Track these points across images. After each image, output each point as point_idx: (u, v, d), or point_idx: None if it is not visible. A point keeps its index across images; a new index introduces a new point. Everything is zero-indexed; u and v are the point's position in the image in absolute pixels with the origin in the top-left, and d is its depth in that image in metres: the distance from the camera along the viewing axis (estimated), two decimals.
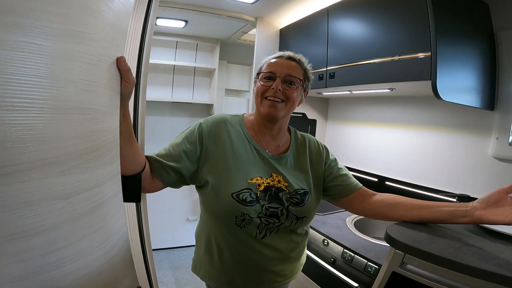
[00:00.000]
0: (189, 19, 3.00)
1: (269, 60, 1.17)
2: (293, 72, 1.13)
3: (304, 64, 1.18)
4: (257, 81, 1.16)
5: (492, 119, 1.76)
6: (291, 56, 1.17)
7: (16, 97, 0.44)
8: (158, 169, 1.04)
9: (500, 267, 0.81)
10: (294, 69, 1.14)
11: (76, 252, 0.59)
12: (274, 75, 1.11)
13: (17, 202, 0.47)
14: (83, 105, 0.57)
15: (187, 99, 3.69)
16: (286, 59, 1.15)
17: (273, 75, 1.11)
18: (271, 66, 1.13)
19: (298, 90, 1.14)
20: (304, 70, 1.18)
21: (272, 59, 1.16)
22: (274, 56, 1.17)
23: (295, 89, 1.12)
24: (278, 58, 1.16)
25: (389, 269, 1.05)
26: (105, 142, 0.66)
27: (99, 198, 0.64)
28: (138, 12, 1.70)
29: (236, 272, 1.10)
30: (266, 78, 1.13)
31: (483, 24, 1.75)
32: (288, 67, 1.13)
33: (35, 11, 0.46)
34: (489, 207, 0.99)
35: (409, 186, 2.16)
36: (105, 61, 0.65)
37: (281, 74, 1.11)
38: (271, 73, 1.12)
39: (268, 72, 1.13)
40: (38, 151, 0.48)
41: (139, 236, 1.32)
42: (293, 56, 1.17)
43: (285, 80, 1.11)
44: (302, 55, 1.20)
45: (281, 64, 1.13)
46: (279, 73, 1.11)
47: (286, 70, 1.12)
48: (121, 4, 0.67)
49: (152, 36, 1.67)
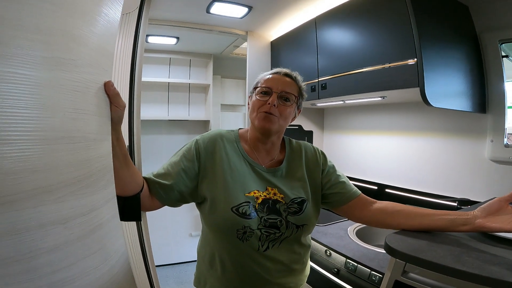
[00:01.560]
0: (181, 35, 3.04)
1: (266, 75, 1.19)
2: (288, 88, 1.15)
3: (299, 82, 1.21)
4: (253, 96, 1.18)
5: (486, 122, 1.78)
6: (287, 73, 1.19)
7: (5, 130, 0.45)
8: (157, 190, 1.04)
9: (501, 273, 0.81)
10: (290, 86, 1.16)
11: (76, 273, 0.59)
12: (270, 90, 1.13)
13: (14, 228, 0.47)
14: (73, 133, 0.58)
15: (183, 116, 3.72)
16: (283, 75, 1.18)
17: (269, 90, 1.13)
18: (268, 81, 1.16)
19: (292, 107, 1.16)
20: (299, 87, 1.20)
21: (269, 74, 1.19)
22: (271, 72, 1.20)
23: (289, 106, 1.15)
24: (275, 74, 1.18)
25: (391, 278, 1.04)
26: (98, 168, 0.66)
27: (96, 222, 0.65)
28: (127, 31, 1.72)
29: (240, 286, 1.10)
30: (262, 93, 1.14)
31: (465, 27, 1.78)
32: (284, 84, 1.15)
33: (16, 39, 0.47)
34: (489, 215, 0.99)
35: (409, 192, 2.16)
36: (92, 87, 0.65)
37: (277, 90, 1.13)
38: (267, 88, 1.14)
39: (265, 87, 1.15)
40: (30, 181, 0.49)
41: (141, 253, 1.32)
42: (290, 73, 1.20)
43: (281, 96, 1.13)
44: (298, 73, 1.23)
45: (278, 80, 1.15)
46: (276, 88, 1.13)
47: (282, 87, 1.14)
48: (104, 28, 0.68)
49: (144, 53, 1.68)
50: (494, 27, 1.74)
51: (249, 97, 1.23)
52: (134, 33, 1.49)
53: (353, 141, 2.70)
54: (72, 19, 0.57)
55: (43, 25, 0.51)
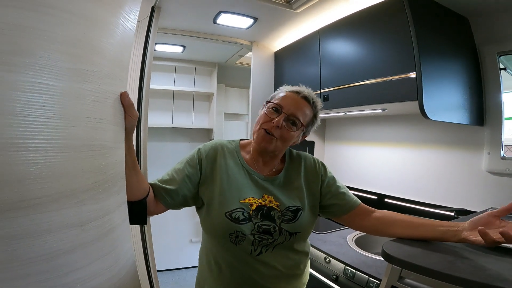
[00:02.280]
0: (187, 44, 3.09)
1: (284, 91, 1.17)
2: (300, 113, 1.13)
3: (317, 108, 1.19)
4: (264, 108, 1.17)
5: (483, 134, 1.82)
6: (306, 96, 1.16)
7: (34, 138, 0.49)
8: (162, 195, 1.08)
9: (493, 278, 0.83)
10: (303, 111, 1.14)
11: (89, 274, 0.63)
12: (280, 109, 1.12)
13: (38, 230, 0.51)
14: (92, 142, 0.62)
15: (187, 124, 3.75)
16: (301, 97, 1.15)
17: (280, 108, 1.12)
18: (283, 99, 1.14)
19: (297, 133, 1.15)
20: (314, 114, 1.19)
21: (288, 91, 1.17)
22: (290, 89, 1.18)
23: (293, 131, 1.13)
24: (293, 93, 1.16)
25: (388, 283, 1.07)
26: (113, 174, 0.71)
27: (109, 225, 0.69)
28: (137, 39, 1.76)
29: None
30: (272, 109, 1.13)
31: (464, 39, 1.81)
32: (297, 107, 1.13)
33: (46, 50, 0.50)
34: (475, 229, 1.00)
35: (408, 202, 2.19)
36: (110, 98, 0.70)
37: (287, 111, 1.11)
38: (279, 106, 1.12)
39: (276, 104, 1.13)
40: (55, 186, 0.53)
41: (144, 258, 1.35)
42: (309, 96, 1.17)
43: (289, 118, 1.12)
44: (319, 99, 1.20)
45: (293, 101, 1.14)
46: (286, 109, 1.11)
47: (294, 109, 1.12)
48: (121, 39, 0.71)
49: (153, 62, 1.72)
50: (493, 40, 1.77)
51: (263, 105, 1.20)
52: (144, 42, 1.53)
53: (353, 151, 2.73)
54: (93, 31, 0.61)
55: (69, 37, 0.55)
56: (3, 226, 0.47)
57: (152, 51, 1.94)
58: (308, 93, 1.17)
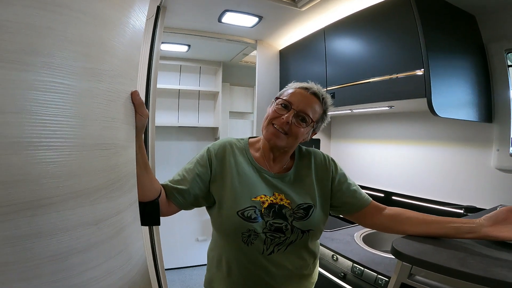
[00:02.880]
0: (192, 43, 3.10)
1: (293, 88, 1.16)
2: (309, 109, 1.12)
3: (326, 104, 1.18)
4: (273, 104, 1.16)
5: (492, 131, 1.81)
6: (316, 92, 1.15)
7: (51, 137, 0.50)
8: (174, 195, 1.08)
9: (505, 274, 0.83)
10: (313, 107, 1.13)
11: (103, 272, 0.63)
12: (290, 105, 1.11)
13: (54, 229, 0.52)
14: (106, 141, 0.62)
15: (193, 123, 3.76)
16: (310, 93, 1.14)
17: (289, 105, 1.11)
18: (293, 96, 1.13)
19: (307, 129, 1.15)
20: (324, 111, 1.18)
21: (297, 88, 1.16)
22: (299, 85, 1.17)
23: (303, 127, 1.12)
24: (302, 89, 1.15)
25: (398, 280, 1.07)
26: (125, 173, 0.71)
27: (122, 223, 0.69)
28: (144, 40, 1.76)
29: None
30: (282, 106, 1.12)
31: (472, 36, 1.80)
32: (307, 103, 1.12)
33: (62, 50, 0.51)
34: (496, 224, 1.00)
35: (416, 200, 2.19)
36: (122, 97, 0.70)
37: (297, 107, 1.10)
38: (288, 102, 1.11)
39: (286, 100, 1.12)
40: (71, 185, 0.54)
41: (153, 257, 1.35)
42: (318, 92, 1.16)
43: (298, 115, 1.11)
44: (329, 95, 1.19)
45: (302, 97, 1.13)
46: (296, 106, 1.10)
47: (303, 106, 1.11)
48: (131, 39, 0.71)
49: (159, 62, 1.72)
50: (500, 37, 1.76)
51: (271, 102, 1.20)
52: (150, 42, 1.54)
53: (360, 149, 2.73)
54: (106, 31, 0.61)
55: (82, 36, 0.55)
56: (20, 226, 0.47)
57: (158, 50, 1.94)
58: (317, 89, 1.16)
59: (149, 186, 0.97)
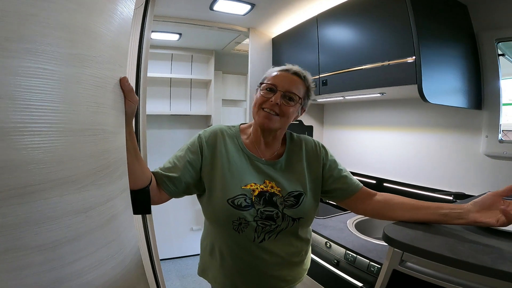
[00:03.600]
0: (183, 32, 3.06)
1: (274, 71, 1.17)
2: (294, 88, 1.13)
3: (308, 82, 1.19)
4: (258, 90, 1.17)
5: (481, 118, 1.82)
6: (297, 71, 1.16)
7: (36, 122, 0.49)
8: (165, 183, 1.07)
9: (494, 262, 0.84)
10: (297, 85, 1.14)
11: (95, 262, 0.62)
12: (275, 88, 1.12)
13: (42, 217, 0.51)
14: (94, 126, 0.61)
15: (185, 111, 3.74)
16: (292, 74, 1.16)
17: (274, 87, 1.12)
18: (275, 78, 1.14)
19: (295, 107, 1.15)
20: (307, 87, 1.19)
21: (277, 71, 1.16)
22: (280, 68, 1.18)
23: (292, 106, 1.13)
24: (283, 71, 1.16)
25: (389, 267, 1.08)
26: (115, 159, 0.70)
27: (112, 211, 0.68)
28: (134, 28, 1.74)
29: (238, 277, 1.13)
30: (267, 90, 1.13)
31: (463, 25, 1.81)
32: (291, 83, 1.13)
33: (46, 36, 0.50)
34: (483, 210, 1.01)
35: (406, 186, 2.21)
36: (110, 83, 0.69)
37: (282, 88, 1.11)
38: (272, 85, 1.12)
39: (270, 84, 1.13)
40: (58, 171, 0.52)
41: (147, 247, 1.35)
42: (299, 71, 1.17)
43: (285, 95, 1.12)
44: (308, 73, 1.20)
45: (285, 78, 1.14)
46: (281, 87, 1.11)
47: (288, 85, 1.12)
48: (119, 25, 0.70)
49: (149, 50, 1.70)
50: (491, 26, 1.76)
51: (256, 90, 1.21)
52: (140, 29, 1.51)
53: (352, 136, 2.74)
54: (92, 17, 0.60)
55: (68, 23, 0.54)
56: (6, 214, 0.46)
57: (148, 38, 1.91)
58: (297, 69, 1.18)
59: (140, 174, 0.96)
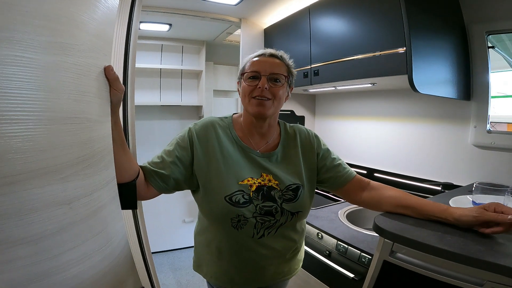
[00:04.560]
0: (173, 22, 2.99)
1: (251, 59, 1.15)
2: (277, 69, 1.11)
3: (286, 60, 1.17)
4: (242, 81, 1.15)
5: (469, 109, 1.84)
6: (273, 53, 1.15)
7: (14, 110, 0.47)
8: (154, 178, 1.04)
9: (482, 253, 0.84)
10: (278, 66, 1.12)
11: (80, 255, 0.61)
12: (258, 74, 1.10)
13: (23, 209, 0.49)
14: (77, 114, 0.59)
15: (175, 101, 3.70)
16: (269, 56, 1.14)
17: (257, 74, 1.10)
18: (255, 65, 1.12)
19: (284, 87, 1.14)
20: (287, 66, 1.17)
21: (255, 57, 1.15)
22: (255, 54, 1.16)
23: (280, 86, 1.12)
24: (260, 56, 1.14)
25: (380, 258, 1.08)
26: (100, 149, 0.68)
27: (98, 203, 0.67)
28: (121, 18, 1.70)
29: (235, 272, 1.13)
30: (250, 78, 1.11)
31: (454, 18, 1.81)
32: (272, 65, 1.11)
33: (23, 25, 0.48)
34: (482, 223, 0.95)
35: (396, 176, 2.22)
36: (93, 71, 0.67)
37: (265, 72, 1.09)
38: (255, 72, 1.10)
39: (252, 71, 1.11)
40: (38, 161, 0.51)
41: (138, 240, 1.33)
42: (275, 53, 1.16)
43: (270, 78, 1.10)
44: (283, 52, 1.19)
45: (264, 62, 1.12)
46: (264, 71, 1.09)
47: (270, 68, 1.10)
48: (104, 14, 0.69)
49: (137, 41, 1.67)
50: (482, 19, 1.77)
51: (238, 83, 1.19)
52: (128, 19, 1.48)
53: (343, 126, 2.75)
54: (74, 6, 0.59)
55: (48, 11, 0.52)
56: None
57: (136, 29, 1.86)
58: (272, 51, 1.17)
59: (126, 166, 0.93)
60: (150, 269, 1.37)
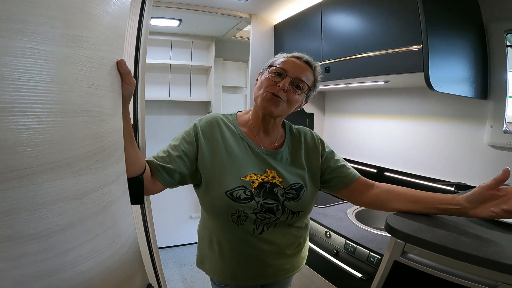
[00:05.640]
0: (183, 17, 3.00)
1: (286, 57, 1.14)
2: (304, 77, 1.11)
3: (317, 73, 1.17)
4: (265, 73, 1.14)
5: (486, 108, 1.80)
6: (308, 60, 1.15)
7: (26, 102, 0.46)
8: (160, 172, 1.04)
9: (498, 254, 0.83)
10: (306, 74, 1.12)
11: (90, 251, 0.60)
12: (285, 73, 1.09)
13: (33, 203, 0.48)
14: (89, 107, 0.58)
15: (184, 97, 3.71)
16: (303, 62, 1.13)
17: (284, 72, 1.09)
18: (286, 63, 1.11)
19: (301, 96, 1.13)
20: (315, 79, 1.17)
21: (289, 57, 1.14)
22: (292, 54, 1.15)
23: (298, 94, 1.11)
24: (294, 57, 1.14)
25: (390, 258, 1.07)
26: (111, 143, 0.67)
27: (109, 197, 0.66)
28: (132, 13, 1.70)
29: (237, 267, 1.12)
30: (275, 74, 1.10)
31: (472, 15, 1.77)
32: (301, 70, 1.11)
33: (37, 16, 0.47)
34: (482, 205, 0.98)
35: (407, 176, 2.19)
36: (106, 64, 0.66)
37: (292, 74, 1.09)
38: (282, 70, 1.09)
39: (280, 68, 1.10)
40: (50, 154, 0.50)
41: (145, 236, 1.33)
42: (310, 61, 1.15)
43: (293, 82, 1.09)
44: (318, 64, 1.19)
45: (296, 64, 1.11)
46: (291, 73, 1.09)
47: (298, 72, 1.10)
48: (117, 7, 0.68)
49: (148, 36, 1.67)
50: (500, 17, 1.74)
51: (260, 73, 1.18)
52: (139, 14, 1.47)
53: (353, 124, 2.71)
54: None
55: (62, 3, 0.51)
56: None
57: (147, 24, 1.86)
58: (309, 58, 1.16)
59: (134, 160, 0.92)
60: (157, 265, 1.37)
